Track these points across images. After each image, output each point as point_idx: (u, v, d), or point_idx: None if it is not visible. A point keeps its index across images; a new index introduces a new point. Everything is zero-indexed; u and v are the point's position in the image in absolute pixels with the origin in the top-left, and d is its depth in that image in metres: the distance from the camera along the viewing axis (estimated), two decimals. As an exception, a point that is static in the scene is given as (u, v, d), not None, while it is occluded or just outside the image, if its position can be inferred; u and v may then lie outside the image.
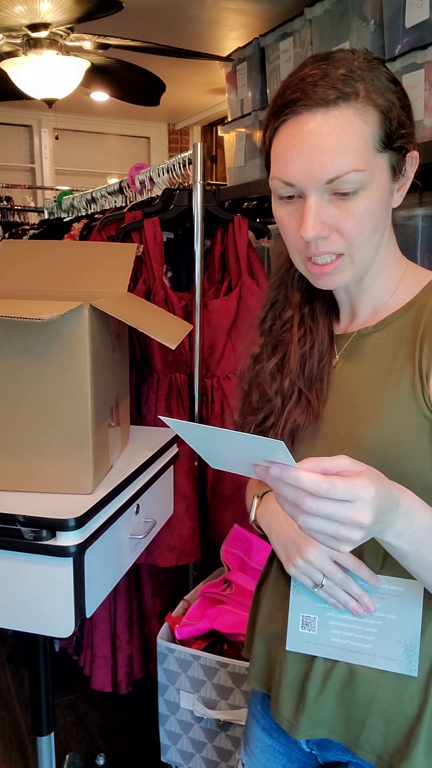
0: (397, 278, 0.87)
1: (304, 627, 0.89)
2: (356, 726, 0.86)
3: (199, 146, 1.86)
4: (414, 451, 0.79)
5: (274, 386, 0.92)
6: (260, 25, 2.96)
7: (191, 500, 1.92)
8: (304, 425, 0.89)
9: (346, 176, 0.74)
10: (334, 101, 0.74)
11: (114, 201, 2.68)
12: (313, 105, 0.74)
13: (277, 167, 0.79)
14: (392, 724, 0.83)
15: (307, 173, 0.75)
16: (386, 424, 0.80)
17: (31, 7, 2.29)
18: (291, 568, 0.87)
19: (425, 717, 0.81)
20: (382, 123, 0.76)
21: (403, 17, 1.60)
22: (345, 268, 0.81)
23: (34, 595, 1.11)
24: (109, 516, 1.21)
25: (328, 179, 0.75)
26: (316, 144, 0.74)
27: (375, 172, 0.77)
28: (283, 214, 0.81)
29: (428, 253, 1.47)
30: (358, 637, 0.85)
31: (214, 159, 5.34)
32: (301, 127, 0.75)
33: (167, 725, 1.68)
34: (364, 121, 0.75)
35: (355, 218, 0.77)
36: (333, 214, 0.77)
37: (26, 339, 1.17)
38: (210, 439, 0.68)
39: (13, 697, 2.35)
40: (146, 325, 1.31)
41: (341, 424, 0.86)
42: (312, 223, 0.77)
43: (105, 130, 5.72)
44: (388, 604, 0.84)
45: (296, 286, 0.94)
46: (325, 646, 0.87)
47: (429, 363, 0.78)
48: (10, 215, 4.51)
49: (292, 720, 0.91)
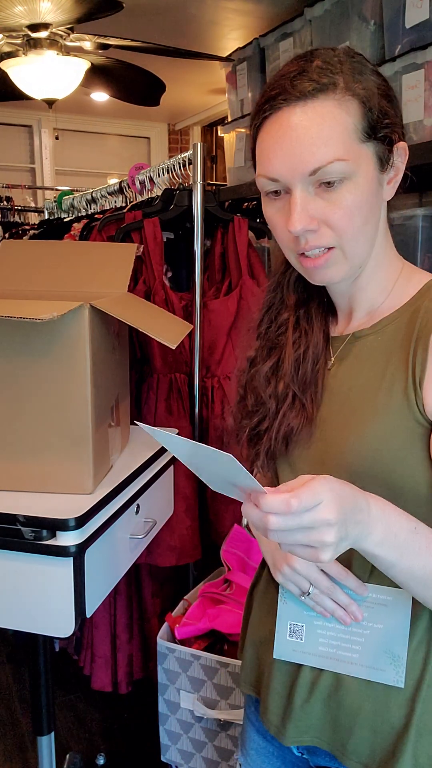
0: (393, 278, 0.86)
1: (291, 635, 0.88)
2: (343, 735, 0.85)
3: (199, 146, 1.86)
4: (406, 458, 0.78)
5: (269, 390, 0.91)
6: (260, 25, 2.96)
7: (191, 500, 1.92)
8: (298, 429, 0.88)
9: (329, 166, 0.74)
10: (312, 93, 0.74)
11: (114, 201, 2.68)
12: (292, 99, 0.74)
13: (261, 164, 0.79)
14: (379, 734, 0.83)
15: (289, 167, 0.75)
16: (378, 429, 0.80)
17: (31, 7, 2.29)
18: (278, 576, 0.87)
19: (412, 728, 0.81)
20: (364, 113, 0.75)
21: (403, 17, 1.60)
22: (337, 261, 0.80)
23: (34, 595, 1.11)
24: (109, 516, 1.21)
25: (311, 171, 0.74)
26: (297, 137, 0.74)
27: (360, 162, 0.76)
28: (272, 212, 0.81)
29: (428, 253, 1.47)
30: (346, 647, 0.85)
31: (214, 159, 5.34)
32: (282, 122, 0.75)
33: (167, 725, 1.68)
34: (344, 112, 0.74)
35: (342, 209, 0.76)
36: (320, 207, 0.76)
37: (26, 339, 1.17)
38: (189, 452, 0.67)
39: (14, 697, 2.35)
40: (146, 324, 1.31)
41: (334, 428, 0.85)
42: (298, 217, 0.76)
43: (105, 130, 5.72)
44: (376, 613, 0.83)
45: (292, 288, 0.94)
46: (312, 655, 0.87)
47: (422, 368, 0.77)
48: (10, 215, 4.51)
49: (279, 726, 0.90)
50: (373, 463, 0.79)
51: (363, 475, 0.70)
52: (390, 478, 0.78)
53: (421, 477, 0.78)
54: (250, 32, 2.99)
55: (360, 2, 1.77)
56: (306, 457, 0.88)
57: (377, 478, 0.74)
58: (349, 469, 0.68)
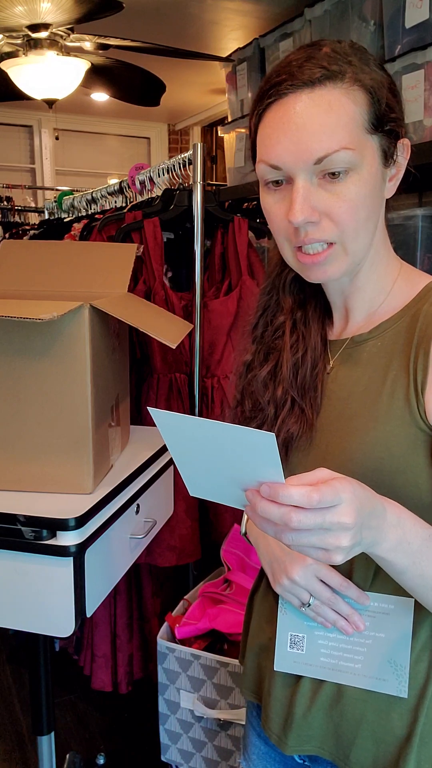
0: (391, 278, 0.84)
1: (292, 646, 0.87)
2: (346, 744, 0.84)
3: (199, 146, 1.86)
4: (408, 465, 0.77)
5: (267, 395, 0.89)
6: (260, 25, 2.96)
7: (191, 500, 1.92)
8: (298, 435, 0.86)
9: (335, 155, 0.71)
10: (320, 80, 0.72)
11: (114, 201, 2.69)
12: (299, 85, 0.72)
13: (263, 150, 0.76)
14: (382, 744, 0.82)
15: (294, 154, 0.72)
16: (380, 436, 0.78)
17: (32, 7, 2.29)
18: (277, 587, 0.85)
19: (415, 737, 0.79)
20: (371, 103, 0.73)
21: (403, 17, 1.60)
22: (337, 258, 0.77)
23: (35, 595, 1.12)
24: (109, 516, 1.21)
25: (316, 159, 0.72)
26: (303, 124, 0.72)
27: (365, 154, 0.74)
28: (271, 202, 0.78)
29: (428, 253, 1.47)
30: (348, 657, 0.83)
31: (214, 159, 5.34)
32: (287, 108, 0.73)
33: (167, 725, 1.68)
34: (352, 101, 0.72)
35: (347, 202, 0.74)
36: (323, 198, 0.74)
37: (26, 339, 1.17)
38: (197, 442, 0.64)
39: (14, 697, 2.35)
40: (146, 324, 1.31)
41: (335, 434, 0.83)
42: (300, 207, 0.73)
43: (105, 131, 5.72)
44: (378, 622, 0.81)
45: (288, 291, 0.91)
46: (314, 666, 0.85)
47: (424, 374, 0.75)
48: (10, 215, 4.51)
49: (280, 735, 0.89)
50: (374, 471, 0.77)
51: (365, 482, 0.69)
52: (392, 485, 0.76)
53: (423, 484, 0.77)
54: (250, 32, 2.99)
55: (360, 2, 1.77)
56: (305, 464, 0.86)
57: (379, 486, 0.72)
58: (351, 475, 0.67)
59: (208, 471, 0.67)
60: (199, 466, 0.68)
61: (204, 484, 0.70)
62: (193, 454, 0.66)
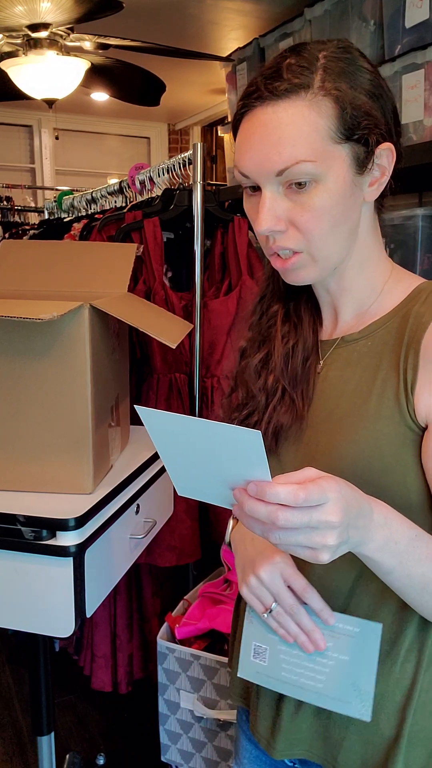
0: (382, 279, 0.85)
1: (255, 656, 0.86)
2: (334, 747, 0.84)
3: (199, 146, 1.86)
4: (396, 464, 0.77)
5: (259, 383, 0.90)
6: (260, 25, 2.96)
7: (191, 500, 1.92)
8: (288, 425, 0.87)
9: (295, 167, 0.73)
10: (284, 93, 0.73)
11: (114, 201, 2.69)
12: (265, 98, 0.74)
13: (236, 158, 0.79)
14: (370, 746, 0.82)
15: (258, 165, 0.75)
16: (369, 435, 0.78)
17: (31, 7, 2.29)
18: (243, 588, 0.85)
19: (403, 738, 0.80)
20: (338, 114, 0.73)
21: (403, 17, 1.60)
22: (306, 265, 0.79)
23: (35, 595, 1.11)
24: (109, 516, 1.21)
25: (277, 171, 0.74)
26: (265, 136, 0.74)
27: (331, 164, 0.74)
28: (249, 207, 0.81)
29: (428, 253, 1.47)
30: (309, 675, 0.81)
31: (214, 159, 5.34)
32: (254, 120, 0.75)
33: (167, 725, 1.68)
34: (316, 113, 0.73)
35: (310, 212, 0.75)
36: (287, 208, 0.76)
37: (26, 339, 1.17)
38: (184, 441, 0.64)
39: (13, 697, 2.35)
40: (147, 324, 1.31)
41: (324, 433, 0.84)
42: (264, 217, 0.76)
43: (105, 130, 5.72)
44: (342, 644, 0.80)
45: (282, 280, 0.91)
46: (275, 680, 0.84)
47: (414, 373, 0.76)
48: (10, 215, 4.51)
49: (269, 739, 0.89)
50: (364, 469, 0.78)
51: (353, 481, 0.69)
52: (380, 484, 0.77)
53: (411, 484, 0.78)
54: (250, 32, 2.99)
55: (360, 2, 1.77)
56: (295, 458, 0.87)
57: (368, 484, 0.73)
58: (340, 474, 0.67)
59: (195, 470, 0.67)
60: (186, 465, 0.67)
61: (192, 483, 0.69)
62: (181, 452, 0.66)
